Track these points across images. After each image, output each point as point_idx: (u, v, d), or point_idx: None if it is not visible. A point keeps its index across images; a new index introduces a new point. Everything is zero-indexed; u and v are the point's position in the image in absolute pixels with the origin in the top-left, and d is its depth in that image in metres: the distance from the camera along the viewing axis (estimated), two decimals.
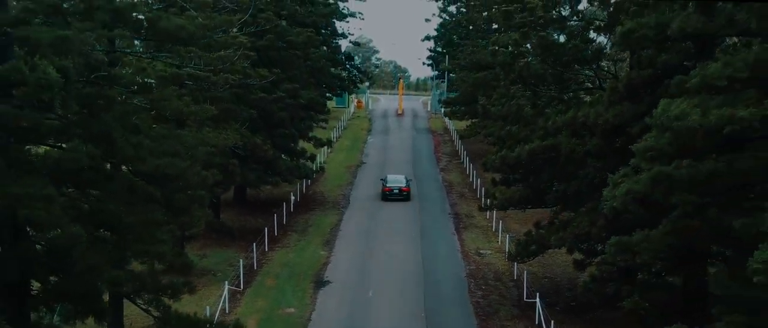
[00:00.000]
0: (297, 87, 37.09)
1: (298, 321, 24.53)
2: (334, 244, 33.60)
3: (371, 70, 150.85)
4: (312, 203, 41.87)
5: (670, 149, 13.63)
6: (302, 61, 40.43)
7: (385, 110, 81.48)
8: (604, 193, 15.30)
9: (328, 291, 27.48)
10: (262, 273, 29.59)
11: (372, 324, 24.15)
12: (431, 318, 24.59)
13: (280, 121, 36.05)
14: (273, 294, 27.17)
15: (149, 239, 16.22)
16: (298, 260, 31.41)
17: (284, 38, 36.14)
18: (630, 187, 14.38)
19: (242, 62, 26.04)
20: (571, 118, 20.46)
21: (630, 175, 14.96)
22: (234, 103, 28.33)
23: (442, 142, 62.66)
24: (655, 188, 14.28)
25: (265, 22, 28.01)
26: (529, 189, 25.88)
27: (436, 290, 27.42)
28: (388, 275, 28.94)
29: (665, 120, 13.15)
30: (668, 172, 14.34)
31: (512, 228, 35.20)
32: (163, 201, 17.54)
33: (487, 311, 25.70)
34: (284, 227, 36.42)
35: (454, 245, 33.76)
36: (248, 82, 27.53)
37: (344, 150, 57.43)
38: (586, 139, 20.72)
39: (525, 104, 26.20)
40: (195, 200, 18.97)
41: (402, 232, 35.17)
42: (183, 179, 17.44)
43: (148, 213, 16.43)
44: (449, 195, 43.93)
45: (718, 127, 13.01)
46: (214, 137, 22.69)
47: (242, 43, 24.95)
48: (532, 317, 24.67)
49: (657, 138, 13.73)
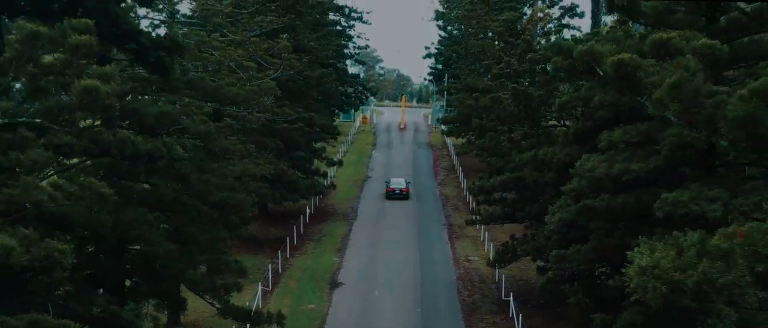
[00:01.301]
0: (312, 115, 43.10)
1: (318, 315, 30.47)
2: (344, 252, 39.54)
3: (376, 78, 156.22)
4: (325, 215, 47.83)
5: (587, 191, 19.50)
6: (316, 90, 46.49)
7: (388, 124, 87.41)
8: (545, 218, 21.18)
9: (341, 291, 33.41)
10: (285, 276, 35.56)
11: (378, 318, 30.07)
12: (426, 313, 30.51)
13: (299, 145, 42.08)
14: (296, 293, 33.10)
15: (215, 251, 22.17)
16: (315, 265, 37.35)
17: (302, 73, 42.11)
18: (562, 215, 20.29)
19: (272, 102, 32.02)
20: (533, 156, 26.39)
21: (563, 205, 20.85)
22: (263, 135, 34.36)
23: (441, 156, 68.58)
24: (580, 216, 20.17)
25: (290, 68, 33.95)
26: (505, 208, 31.85)
27: (430, 291, 33.33)
28: (390, 278, 34.85)
29: (582, 171, 19.01)
30: (590, 204, 20.23)
31: (498, 238, 40.98)
32: (221, 221, 23.49)
33: (471, 307, 31.64)
34: (302, 236, 42.39)
35: (446, 252, 39.70)
36: (275, 118, 33.50)
37: (351, 164, 63.31)
38: (545, 173, 26.59)
39: (503, 139, 32.16)
40: (243, 220, 24.93)
41: (402, 242, 41.06)
42: (237, 206, 23.39)
43: (214, 232, 22.37)
44: (445, 208, 49.86)
45: (619, 176, 18.88)
46: (253, 168, 28.61)
47: (273, 88, 30.92)
48: (507, 312, 30.56)
49: (578, 182, 19.60)
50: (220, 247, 22.31)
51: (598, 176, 18.80)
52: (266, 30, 32.09)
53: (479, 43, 55.02)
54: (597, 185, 19.22)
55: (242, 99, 23.24)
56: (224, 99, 22.87)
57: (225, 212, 23.53)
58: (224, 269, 24.69)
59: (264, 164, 30.75)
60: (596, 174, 18.84)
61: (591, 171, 18.91)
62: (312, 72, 42.74)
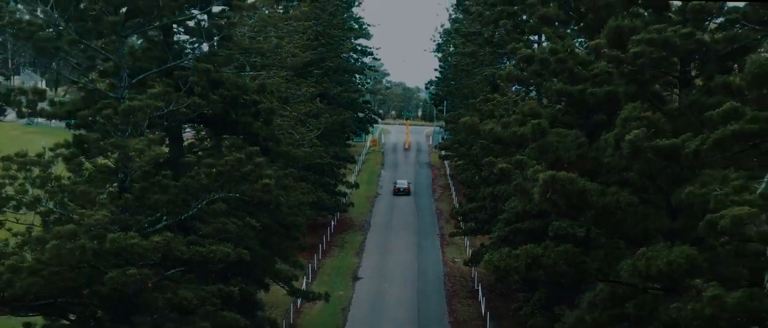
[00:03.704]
0: (337, 151, 56.67)
1: (346, 298, 43.92)
2: (362, 255, 53.04)
3: (383, 91, 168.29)
4: (345, 226, 61.34)
5: (514, 219, 32.94)
6: (340, 127, 60.10)
7: (394, 144, 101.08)
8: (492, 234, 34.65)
9: (361, 283, 46.86)
10: (320, 273, 49.06)
11: (387, 300, 43.50)
12: (420, 297, 43.96)
13: (326, 173, 55.65)
14: (329, 284, 46.53)
15: (286, 255, 35.59)
16: (341, 265, 50.83)
17: (332, 123, 55.64)
18: (500, 233, 33.69)
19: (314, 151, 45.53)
20: (491, 192, 39.78)
21: (501, 227, 34.22)
22: (306, 171, 47.92)
23: (439, 176, 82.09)
24: (510, 234, 33.57)
25: (326, 122, 47.46)
26: (477, 225, 45.32)
27: (424, 282, 46.76)
28: (397, 273, 48.29)
29: (509, 207, 32.43)
30: (517, 227, 33.61)
31: (476, 245, 54.36)
32: (289, 236, 36.88)
33: (452, 294, 45.10)
34: (329, 243, 55.90)
35: (438, 256, 53.16)
36: (316, 161, 47.05)
37: (364, 183, 76.63)
38: (498, 204, 39.95)
39: (475, 174, 45.58)
40: (300, 234, 38.40)
41: (405, 248, 54.55)
42: (298, 226, 36.81)
43: (286, 243, 35.78)
44: (439, 220, 63.36)
45: (531, 210, 32.27)
46: (304, 197, 42.04)
47: (316, 143, 44.42)
48: (477, 297, 43.98)
49: (507, 214, 32.97)
50: (289, 252, 35.78)
51: (517, 211, 32.27)
52: (308, 96, 45.70)
53: (468, 85, 68.34)
54: (519, 216, 32.68)
55: (300, 158, 36.73)
56: (292, 159, 36.35)
57: (291, 230, 36.99)
58: (291, 266, 38.20)
59: (308, 194, 44.23)
60: (517, 209, 32.31)
61: (514, 208, 32.38)
62: (338, 117, 56.30)
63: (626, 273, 18.86)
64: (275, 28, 36.71)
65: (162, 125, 24.54)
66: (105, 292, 22.05)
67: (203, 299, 24.22)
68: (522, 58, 24.56)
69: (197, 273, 26.28)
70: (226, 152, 26.21)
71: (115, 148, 22.45)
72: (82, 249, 21.00)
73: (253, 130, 28.72)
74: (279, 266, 34.76)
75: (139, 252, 21.35)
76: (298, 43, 42.66)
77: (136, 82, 23.97)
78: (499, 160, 26.77)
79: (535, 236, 32.88)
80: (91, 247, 21.18)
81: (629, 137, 16.48)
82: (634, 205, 20.08)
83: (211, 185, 24.07)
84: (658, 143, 16.18)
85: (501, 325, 39.56)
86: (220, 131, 29.23)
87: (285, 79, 38.26)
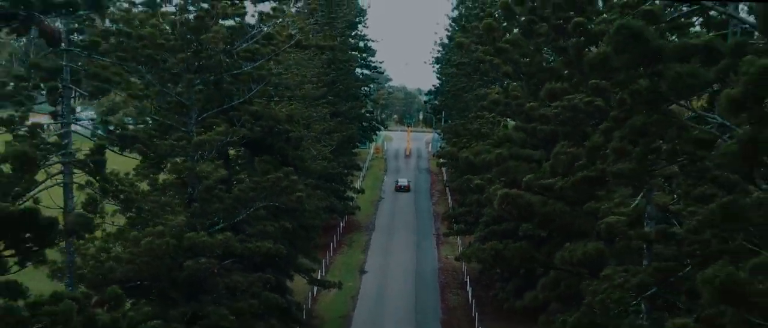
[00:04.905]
0: (346, 160, 64.58)
1: (354, 289, 51.80)
2: (367, 252, 60.94)
3: (385, 96, 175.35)
4: (352, 227, 69.24)
5: (491, 223, 40.72)
6: (348, 139, 68.10)
7: (396, 151, 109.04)
8: (474, 233, 42.38)
9: (367, 277, 54.75)
10: (332, 267, 56.99)
11: (389, 291, 51.38)
12: (418, 289, 51.86)
13: (336, 180, 63.58)
14: (340, 277, 54.23)
15: (307, 251, 43.47)
16: (349, 261, 58.76)
17: (343, 137, 63.56)
18: (481, 233, 41.50)
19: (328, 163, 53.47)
20: (477, 198, 47.60)
21: (482, 228, 42.00)
22: (321, 179, 55.86)
23: (437, 180, 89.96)
24: (489, 234, 41.37)
25: (339, 139, 55.42)
26: (466, 226, 53.22)
27: (421, 276, 54.66)
28: (398, 268, 56.18)
29: (488, 212, 40.23)
30: (494, 229, 41.44)
31: (467, 243, 62.28)
32: (308, 235, 44.71)
33: (445, 285, 53.02)
34: (339, 242, 63.83)
35: (434, 253, 61.06)
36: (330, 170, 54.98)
37: (368, 188, 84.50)
38: (485, 210, 47.70)
39: (464, 182, 53.47)
40: (317, 233, 46.26)
41: (405, 246, 62.44)
42: (315, 227, 44.66)
43: (306, 241, 43.64)
44: (435, 222, 71.26)
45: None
46: (319, 202, 49.87)
47: (327, 154, 52.35)
48: (465, 288, 51.87)
49: (486, 217, 40.73)
50: (308, 249, 43.70)
51: (493, 215, 40.14)
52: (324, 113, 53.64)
53: (464, 101, 76.29)
54: (495, 219, 40.53)
55: (318, 170, 44.62)
56: (312, 172, 44.26)
57: (310, 231, 44.89)
58: (310, 261, 46.11)
59: (323, 200, 52.13)
60: (493, 214, 40.18)
61: (490, 213, 40.24)
62: (348, 132, 64.27)
63: (558, 261, 26.79)
64: (297, 65, 44.70)
65: (217, 149, 32.52)
66: (182, 277, 29.96)
67: (250, 283, 32.16)
68: (491, 102, 32.46)
69: (242, 264, 34.22)
70: (257, 167, 34.15)
71: (188, 170, 30.37)
72: (167, 245, 28.94)
73: (285, 152, 36.74)
74: (301, 260, 42.65)
75: (207, 247, 29.25)
76: (315, 72, 50.70)
77: (200, 119, 31.93)
78: (475, 177, 34.69)
79: (508, 237, 40.75)
80: (174, 243, 29.10)
81: (544, 167, 24.40)
82: (567, 213, 28.02)
83: (257, 196, 31.98)
84: (541, 182, 24.12)
85: (483, 310, 47.42)
86: (257, 152, 37.09)
87: (305, 106, 46.20)
